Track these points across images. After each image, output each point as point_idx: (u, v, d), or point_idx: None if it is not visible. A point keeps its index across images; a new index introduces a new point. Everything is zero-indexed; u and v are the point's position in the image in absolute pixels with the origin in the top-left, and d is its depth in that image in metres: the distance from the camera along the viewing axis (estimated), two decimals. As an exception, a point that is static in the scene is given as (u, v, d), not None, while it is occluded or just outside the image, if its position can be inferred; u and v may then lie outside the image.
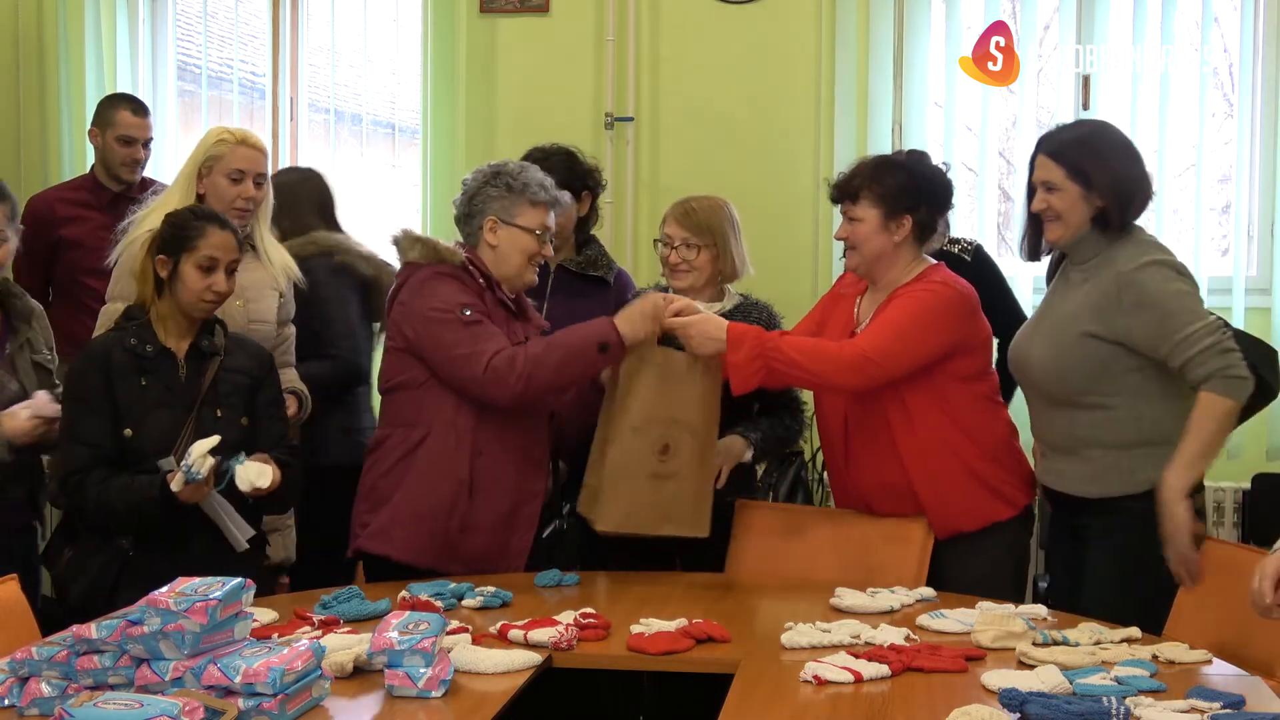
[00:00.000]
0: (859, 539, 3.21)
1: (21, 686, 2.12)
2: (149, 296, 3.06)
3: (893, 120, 4.70)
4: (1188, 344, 2.86)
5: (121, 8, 5.11)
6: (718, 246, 3.39)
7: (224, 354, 3.09)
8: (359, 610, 2.67)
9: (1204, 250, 4.57)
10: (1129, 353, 2.93)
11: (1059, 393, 3.02)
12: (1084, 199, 2.97)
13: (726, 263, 3.42)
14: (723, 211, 3.43)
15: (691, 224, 3.38)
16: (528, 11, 4.92)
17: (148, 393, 2.98)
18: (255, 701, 2.02)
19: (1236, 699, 2.15)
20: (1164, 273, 2.92)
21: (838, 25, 4.71)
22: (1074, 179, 2.96)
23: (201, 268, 3.02)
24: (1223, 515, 4.54)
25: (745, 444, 3.32)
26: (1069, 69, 4.67)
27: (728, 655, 2.47)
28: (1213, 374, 2.84)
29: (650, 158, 4.89)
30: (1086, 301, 2.97)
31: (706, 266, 3.39)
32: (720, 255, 3.40)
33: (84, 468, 2.94)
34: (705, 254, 3.38)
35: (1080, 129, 3.14)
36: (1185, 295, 2.91)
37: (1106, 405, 2.96)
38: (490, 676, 2.32)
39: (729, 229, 3.41)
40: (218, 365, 3.07)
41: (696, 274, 3.38)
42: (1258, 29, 4.60)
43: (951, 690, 2.24)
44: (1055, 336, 3.02)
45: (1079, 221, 2.98)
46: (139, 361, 2.99)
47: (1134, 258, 2.93)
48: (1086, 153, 2.98)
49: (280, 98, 5.13)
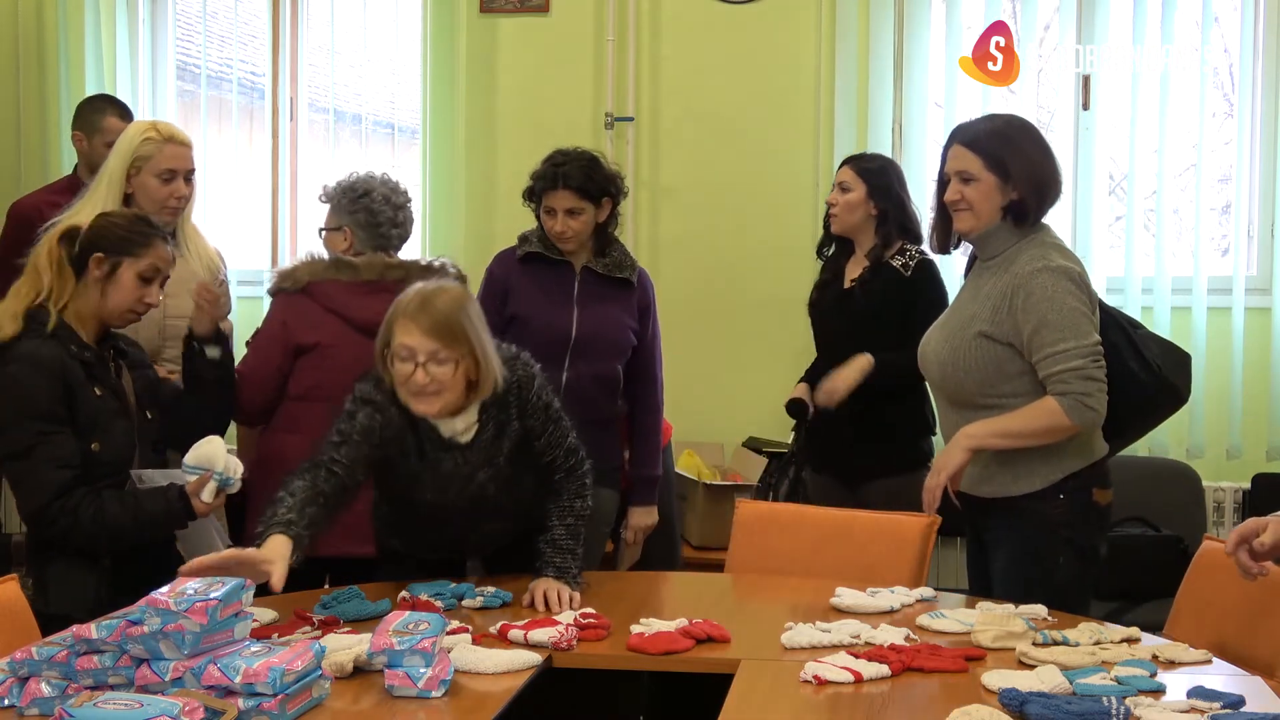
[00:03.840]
0: (859, 539, 3.21)
1: (21, 686, 2.12)
2: (60, 293, 2.82)
3: (893, 120, 4.70)
4: (1056, 359, 2.86)
5: (121, 8, 5.10)
6: (475, 357, 2.72)
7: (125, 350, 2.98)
8: (359, 610, 2.67)
9: (1204, 250, 4.58)
10: (1020, 355, 2.93)
11: (955, 392, 3.03)
12: (999, 190, 2.95)
13: (484, 374, 2.74)
14: (466, 306, 2.77)
15: (439, 330, 2.68)
16: (528, 11, 4.93)
17: (104, 402, 2.82)
18: (255, 701, 2.01)
19: (1236, 699, 2.15)
20: (1057, 282, 2.88)
21: (838, 25, 4.72)
22: (991, 169, 2.95)
23: (143, 277, 2.86)
24: (1223, 515, 4.54)
25: (568, 579, 2.84)
26: (1069, 69, 4.68)
27: (728, 655, 2.47)
28: (1069, 394, 2.85)
29: (650, 158, 4.89)
30: (986, 302, 2.97)
31: (459, 384, 2.72)
32: (478, 366, 2.72)
33: (68, 490, 2.72)
34: (461, 368, 2.71)
35: (995, 121, 3.10)
36: (1070, 310, 2.87)
37: (1002, 406, 2.94)
38: (490, 676, 2.32)
39: (481, 329, 2.77)
40: (127, 362, 2.95)
41: (449, 395, 2.72)
42: (1258, 29, 4.60)
43: (951, 690, 2.24)
44: (953, 336, 3.01)
45: (990, 213, 2.97)
46: (86, 370, 2.80)
47: (1033, 260, 2.92)
48: (1004, 144, 2.97)
49: (280, 98, 5.12)
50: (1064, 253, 2.98)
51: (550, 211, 3.47)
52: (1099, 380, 2.87)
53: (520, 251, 3.57)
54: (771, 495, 3.93)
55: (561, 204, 3.45)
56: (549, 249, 3.53)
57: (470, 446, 2.82)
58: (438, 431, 2.79)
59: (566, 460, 2.92)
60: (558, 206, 3.45)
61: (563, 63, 4.92)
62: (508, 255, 3.62)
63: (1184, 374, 3.12)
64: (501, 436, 2.84)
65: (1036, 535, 2.94)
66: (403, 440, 2.78)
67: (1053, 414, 2.86)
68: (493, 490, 2.85)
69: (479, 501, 2.86)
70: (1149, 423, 3.20)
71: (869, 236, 3.77)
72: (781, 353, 4.41)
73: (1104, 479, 2.99)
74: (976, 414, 2.97)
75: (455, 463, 2.81)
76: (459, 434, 2.80)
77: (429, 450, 2.80)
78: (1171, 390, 3.07)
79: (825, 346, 3.83)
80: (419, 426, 2.78)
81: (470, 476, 2.83)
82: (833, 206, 3.80)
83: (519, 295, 3.53)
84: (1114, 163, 4.80)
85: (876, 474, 3.69)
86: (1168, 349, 3.14)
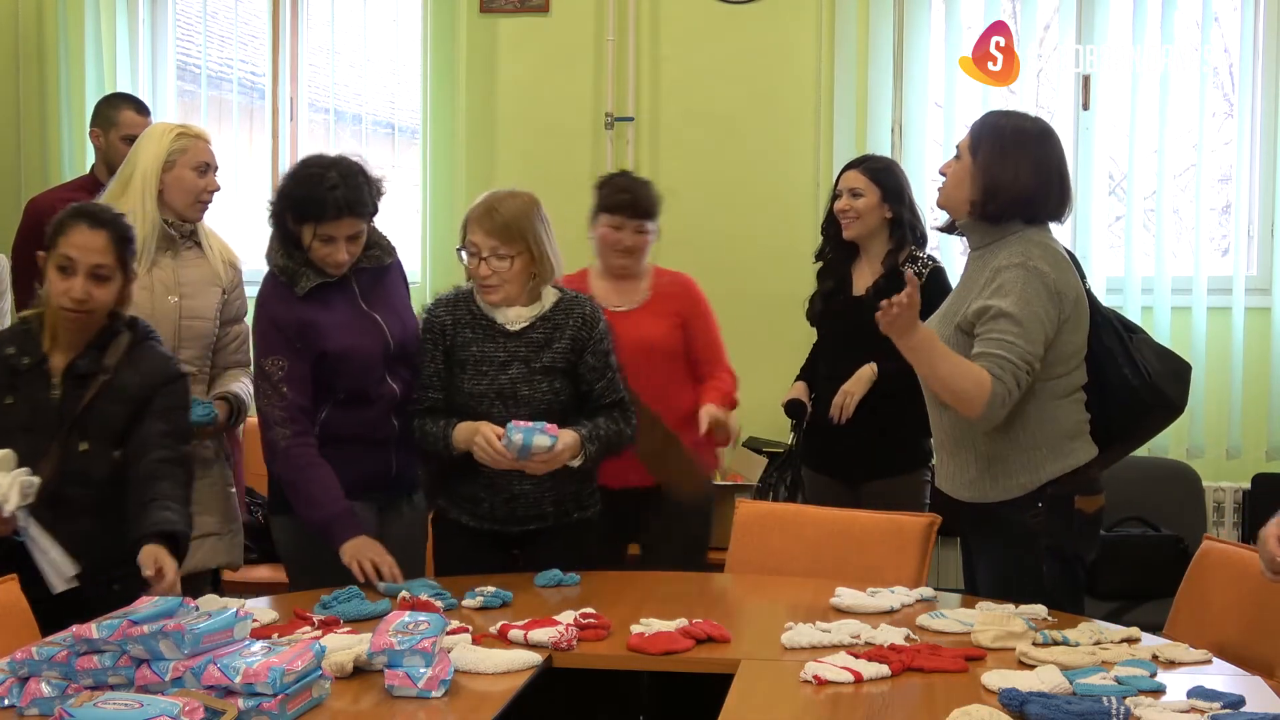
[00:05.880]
0: (859, 539, 3.21)
1: (21, 686, 2.12)
2: (43, 295, 2.75)
3: (893, 120, 4.71)
4: (1003, 346, 2.79)
5: (121, 8, 5.11)
6: (531, 252, 3.07)
7: (114, 373, 2.76)
8: (359, 610, 2.67)
9: (1204, 250, 4.58)
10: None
11: None
12: (970, 179, 2.93)
13: (542, 267, 3.09)
14: (533, 210, 3.09)
15: (499, 229, 3.04)
16: (528, 11, 4.93)
17: (10, 412, 2.69)
18: (255, 701, 2.01)
19: (1236, 699, 2.15)
20: (1030, 282, 2.82)
21: (838, 25, 4.72)
22: (969, 153, 2.95)
23: (59, 268, 2.71)
24: (1223, 515, 4.54)
25: (579, 440, 3.06)
26: (1069, 69, 4.68)
27: (728, 655, 2.47)
28: (997, 379, 2.77)
29: (650, 158, 4.89)
30: (966, 296, 2.95)
31: (518, 277, 3.07)
32: (535, 260, 3.08)
33: None
34: (518, 263, 3.05)
35: (989, 117, 3.07)
36: (1032, 315, 2.80)
37: None
38: (490, 676, 2.32)
39: (541, 228, 3.09)
40: (98, 387, 2.74)
41: (509, 287, 3.07)
42: (1258, 29, 4.60)
43: (951, 690, 2.24)
44: (937, 331, 2.97)
45: (960, 201, 2.95)
46: (9, 376, 2.70)
47: (1013, 255, 2.87)
48: (985, 137, 2.95)
49: (280, 98, 5.13)
50: (1047, 252, 2.89)
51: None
52: (1018, 391, 2.80)
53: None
54: (771, 495, 3.92)
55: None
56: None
57: (514, 336, 3.10)
58: (493, 320, 3.12)
59: (612, 395, 3.16)
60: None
61: (563, 63, 4.92)
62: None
63: (1179, 384, 3.03)
64: (545, 347, 3.10)
65: (1017, 543, 2.90)
66: (464, 330, 3.13)
67: (979, 385, 2.77)
68: (521, 391, 3.08)
69: (506, 397, 3.07)
70: (1141, 431, 3.12)
71: (881, 242, 3.74)
72: (781, 353, 4.40)
73: (1089, 486, 2.92)
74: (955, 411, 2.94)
75: (496, 345, 3.10)
76: (509, 322, 3.11)
77: (479, 335, 3.11)
78: (1163, 398, 2.99)
79: (835, 354, 3.77)
80: (480, 320, 3.12)
81: (505, 364, 3.09)
82: (845, 213, 3.75)
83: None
84: (1114, 163, 4.80)
85: (876, 474, 3.69)
86: (1165, 357, 3.05)
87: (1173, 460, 4.53)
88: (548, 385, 3.10)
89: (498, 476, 3.06)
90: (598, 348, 3.14)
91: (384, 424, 3.14)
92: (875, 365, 3.60)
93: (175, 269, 3.35)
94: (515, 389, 3.09)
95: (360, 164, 3.12)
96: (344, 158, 3.12)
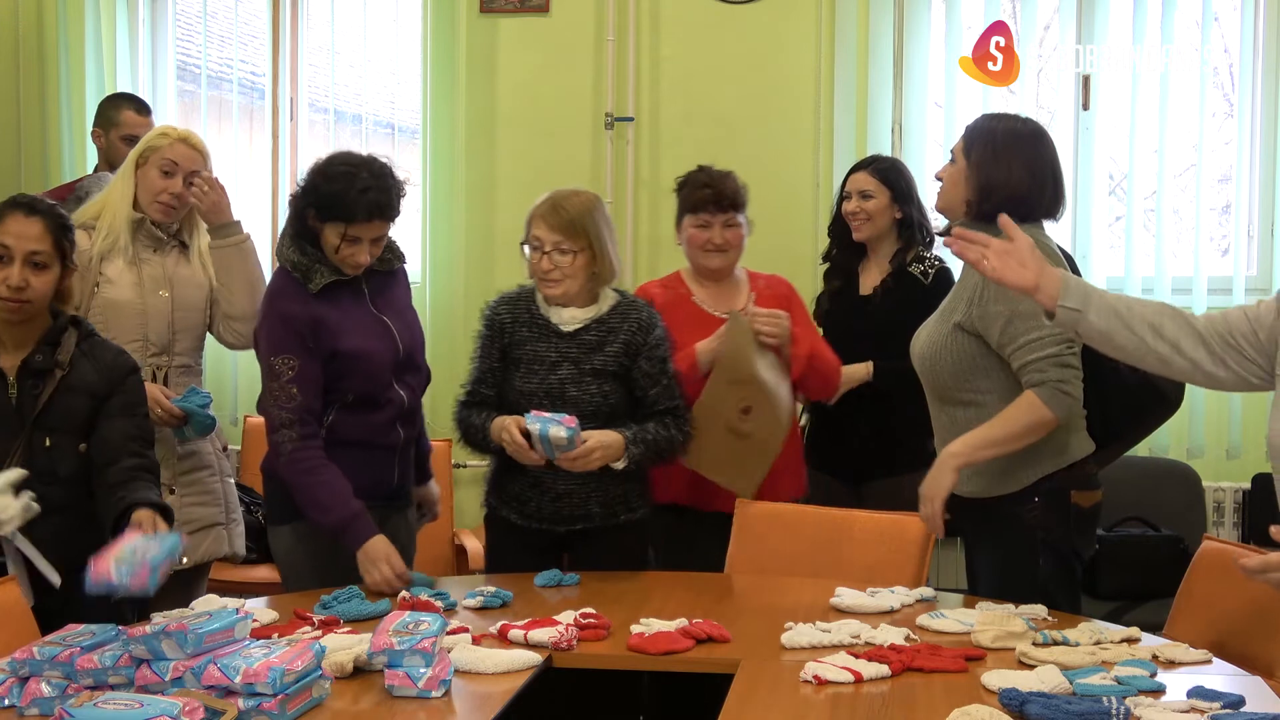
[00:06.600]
0: (859, 539, 3.21)
1: (21, 686, 2.12)
2: None
3: (893, 120, 4.70)
4: (1030, 348, 2.81)
5: (121, 8, 5.11)
6: (593, 249, 3.10)
7: (69, 368, 2.72)
8: (359, 610, 2.67)
9: (1204, 250, 4.58)
10: (991, 350, 2.90)
11: (936, 386, 3.01)
12: (965, 180, 2.95)
13: (603, 266, 3.13)
14: (596, 208, 3.15)
15: (563, 225, 3.08)
16: (528, 11, 4.93)
17: None
18: (255, 701, 2.02)
19: (1236, 699, 2.15)
20: None
21: (838, 25, 4.72)
22: (964, 156, 2.96)
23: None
24: (1223, 515, 4.54)
25: (623, 442, 3.07)
26: (1069, 69, 4.68)
27: (728, 655, 2.47)
28: (1047, 383, 2.80)
29: (650, 158, 4.89)
30: (963, 294, 2.95)
31: (580, 273, 3.10)
32: (596, 258, 3.11)
33: None
34: (580, 259, 3.09)
35: (984, 120, 3.07)
36: (1031, 306, 2.77)
37: (979, 402, 2.92)
38: (490, 676, 2.32)
39: (604, 228, 3.13)
40: (55, 383, 2.71)
41: (570, 282, 3.10)
42: (1258, 29, 4.60)
43: (951, 690, 2.24)
44: (935, 329, 2.99)
45: (957, 202, 2.96)
46: None
47: None
48: (979, 141, 2.97)
49: (280, 98, 5.12)
50: (1041, 250, 2.89)
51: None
52: (1074, 367, 2.83)
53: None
54: (771, 495, 3.92)
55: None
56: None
57: (567, 337, 3.13)
58: (548, 320, 3.14)
59: (667, 402, 3.15)
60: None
61: (563, 63, 4.92)
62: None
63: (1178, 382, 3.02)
64: (597, 349, 3.12)
65: (1014, 538, 2.91)
66: (521, 328, 3.15)
67: (1032, 408, 2.81)
68: (570, 391, 3.09)
69: (555, 397, 3.08)
70: (1139, 427, 3.16)
71: (890, 242, 3.76)
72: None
73: (1086, 481, 2.94)
74: (958, 410, 2.96)
75: (549, 345, 3.12)
76: (564, 323, 3.13)
77: (535, 334, 3.14)
78: (1158, 393, 3.01)
79: (840, 352, 3.72)
80: (537, 319, 3.15)
81: (556, 364, 3.11)
82: (856, 215, 3.75)
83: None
84: (1114, 163, 4.80)
85: (877, 473, 3.69)
86: None
87: (1173, 460, 4.53)
88: (597, 388, 3.10)
89: (544, 475, 3.07)
90: (653, 354, 3.15)
91: (390, 430, 3.13)
92: (871, 365, 3.59)
93: (164, 265, 3.37)
94: (564, 389, 3.10)
95: (390, 166, 3.08)
96: (374, 158, 3.06)
